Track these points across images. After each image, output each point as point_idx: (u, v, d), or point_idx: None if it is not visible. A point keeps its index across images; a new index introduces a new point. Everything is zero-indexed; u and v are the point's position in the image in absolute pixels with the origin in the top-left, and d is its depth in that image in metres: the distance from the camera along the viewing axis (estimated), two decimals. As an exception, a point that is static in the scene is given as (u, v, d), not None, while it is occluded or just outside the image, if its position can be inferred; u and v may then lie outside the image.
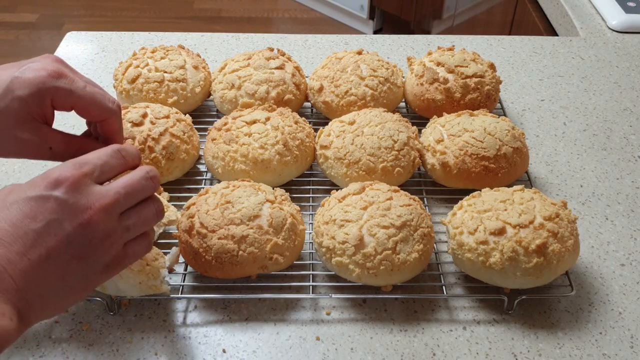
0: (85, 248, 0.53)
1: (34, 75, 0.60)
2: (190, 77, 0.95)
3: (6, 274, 0.48)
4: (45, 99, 0.61)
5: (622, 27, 1.28)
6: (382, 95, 0.93)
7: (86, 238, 0.52)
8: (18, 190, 0.53)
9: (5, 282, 0.48)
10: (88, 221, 0.52)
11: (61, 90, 0.61)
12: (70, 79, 0.62)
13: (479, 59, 0.97)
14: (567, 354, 0.67)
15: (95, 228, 0.53)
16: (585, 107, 1.06)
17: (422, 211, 0.73)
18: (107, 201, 0.54)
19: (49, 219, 0.51)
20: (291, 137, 0.83)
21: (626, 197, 0.88)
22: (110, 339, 0.68)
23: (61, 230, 0.51)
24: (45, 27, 3.28)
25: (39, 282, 0.50)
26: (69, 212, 0.52)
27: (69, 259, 0.52)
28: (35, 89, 0.60)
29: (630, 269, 0.77)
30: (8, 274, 0.49)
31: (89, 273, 0.54)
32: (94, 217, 0.52)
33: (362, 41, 1.25)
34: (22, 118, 0.60)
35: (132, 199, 0.56)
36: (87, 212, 0.52)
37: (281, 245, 0.70)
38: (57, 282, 0.52)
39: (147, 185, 0.58)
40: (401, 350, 0.67)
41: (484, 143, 0.82)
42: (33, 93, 0.60)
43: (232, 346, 0.67)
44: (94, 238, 0.53)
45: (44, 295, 0.51)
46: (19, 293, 0.49)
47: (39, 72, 0.60)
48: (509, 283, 0.69)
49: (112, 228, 0.54)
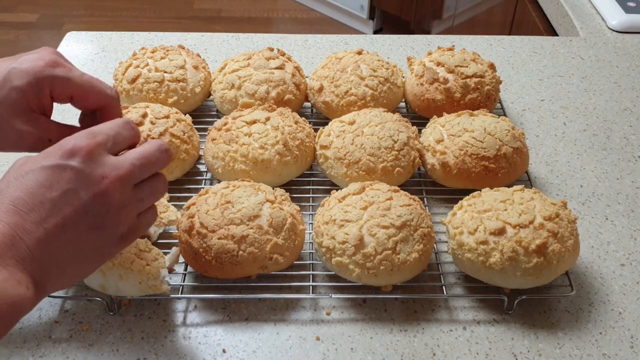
0: (102, 218, 0.53)
1: (31, 65, 0.60)
2: (190, 77, 0.95)
3: (22, 243, 0.49)
4: (43, 89, 0.60)
5: (622, 27, 1.28)
6: (382, 95, 0.93)
7: (102, 208, 0.52)
8: (32, 160, 0.52)
9: (22, 251, 0.48)
10: (105, 191, 0.52)
11: (59, 79, 0.60)
12: (68, 67, 0.61)
13: (479, 59, 0.97)
14: (567, 354, 0.67)
15: (111, 198, 0.53)
16: (585, 107, 1.06)
17: (422, 211, 0.73)
18: (123, 172, 0.54)
19: (65, 188, 0.51)
20: (291, 137, 0.83)
21: (626, 197, 0.88)
22: (110, 339, 0.68)
23: (77, 200, 0.51)
24: (45, 27, 3.29)
25: (55, 251, 0.51)
26: (85, 182, 0.52)
27: (85, 228, 0.52)
28: (32, 78, 0.59)
29: (630, 269, 0.77)
30: (24, 243, 0.49)
31: (105, 243, 0.54)
32: (110, 187, 0.53)
33: (362, 41, 1.25)
34: (21, 109, 0.60)
35: (147, 170, 0.57)
36: (104, 182, 0.52)
37: (281, 245, 0.70)
38: (73, 252, 0.52)
39: (161, 157, 0.58)
40: (401, 350, 0.67)
41: (484, 143, 0.82)
42: (31, 82, 0.59)
43: (232, 346, 0.67)
44: (110, 208, 0.53)
45: (60, 265, 0.51)
46: (35, 262, 0.49)
47: (36, 62, 0.60)
48: (509, 283, 0.69)
49: (127, 199, 0.55)
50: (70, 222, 0.51)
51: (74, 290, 0.72)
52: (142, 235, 0.74)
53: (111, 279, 0.66)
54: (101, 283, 0.67)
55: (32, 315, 0.70)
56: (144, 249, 0.69)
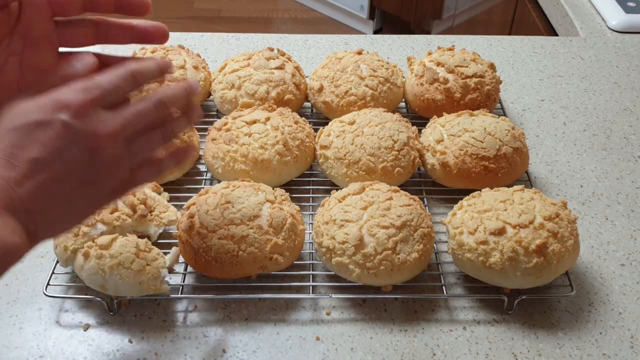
0: (93, 174, 0.53)
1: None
2: (190, 77, 0.95)
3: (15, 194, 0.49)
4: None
5: (622, 27, 1.28)
6: (382, 95, 0.93)
7: (93, 164, 0.52)
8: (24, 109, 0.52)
9: (15, 202, 0.49)
10: (95, 147, 0.52)
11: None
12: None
13: (479, 59, 0.97)
14: (567, 354, 0.67)
15: (102, 154, 0.52)
16: (585, 107, 1.06)
17: (422, 211, 0.73)
18: (115, 128, 0.53)
19: (55, 144, 0.50)
20: (291, 137, 0.83)
21: (626, 197, 0.88)
22: (110, 339, 0.68)
23: (69, 156, 0.51)
24: (45, 27, 3.28)
25: (46, 204, 0.51)
26: (76, 137, 0.51)
27: (77, 183, 0.52)
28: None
29: (630, 269, 0.77)
30: (17, 194, 0.49)
31: (95, 197, 0.54)
32: (101, 143, 0.52)
33: (362, 41, 1.25)
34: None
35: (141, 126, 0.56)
36: (95, 138, 0.52)
37: (281, 245, 0.70)
38: (64, 205, 0.52)
39: (158, 114, 0.57)
40: (401, 350, 0.67)
41: (484, 143, 0.82)
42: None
43: (232, 346, 0.67)
44: (101, 164, 0.53)
45: (50, 217, 0.52)
46: (27, 213, 0.50)
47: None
48: (509, 283, 0.69)
49: (118, 154, 0.54)
50: (62, 176, 0.51)
51: (74, 291, 0.72)
52: (142, 235, 0.74)
53: (111, 279, 0.66)
54: (101, 283, 0.67)
55: (32, 315, 0.70)
56: (144, 249, 0.69)
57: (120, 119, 0.54)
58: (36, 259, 0.76)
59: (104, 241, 0.68)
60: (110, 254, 0.67)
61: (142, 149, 0.57)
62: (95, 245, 0.68)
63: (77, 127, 0.51)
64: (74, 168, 0.51)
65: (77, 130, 0.51)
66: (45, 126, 0.51)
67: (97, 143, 0.52)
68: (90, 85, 0.53)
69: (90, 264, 0.67)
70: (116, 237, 0.69)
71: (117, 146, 0.54)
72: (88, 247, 0.68)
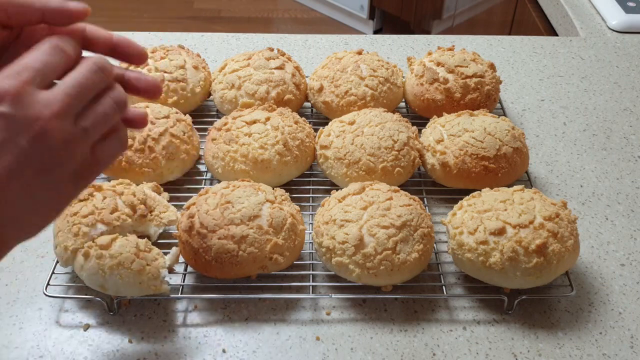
0: (46, 159, 0.49)
1: None
2: (190, 77, 0.95)
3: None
4: None
5: (622, 27, 1.28)
6: (382, 95, 0.93)
7: (44, 149, 0.49)
8: None
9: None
10: (42, 131, 0.49)
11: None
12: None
13: (479, 59, 0.97)
14: (567, 354, 0.67)
15: (51, 136, 0.49)
16: (585, 107, 1.06)
17: (422, 211, 0.73)
18: (58, 106, 0.50)
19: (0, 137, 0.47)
20: (291, 137, 0.83)
21: (626, 197, 0.88)
22: (110, 339, 0.68)
23: (15, 147, 0.48)
24: (45, 27, 3.28)
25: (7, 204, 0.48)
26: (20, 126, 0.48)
27: (33, 173, 0.49)
28: None
29: (630, 269, 0.77)
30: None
31: (57, 184, 0.51)
32: (47, 126, 0.49)
33: (362, 41, 1.25)
34: None
35: (85, 96, 0.52)
36: (39, 122, 0.48)
37: (281, 245, 0.70)
38: (27, 200, 0.49)
39: (98, 78, 0.53)
40: (401, 350, 0.67)
41: (484, 143, 0.82)
42: None
43: (232, 346, 0.67)
44: (52, 148, 0.49)
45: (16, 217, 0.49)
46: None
47: None
48: (509, 283, 0.69)
49: (69, 133, 0.50)
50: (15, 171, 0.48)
51: (74, 291, 0.72)
52: (142, 235, 0.74)
53: (111, 279, 0.66)
54: (101, 283, 0.67)
55: (32, 315, 0.70)
56: (144, 249, 0.69)
57: (61, 94, 0.50)
58: (36, 259, 0.76)
59: (104, 241, 0.68)
60: (110, 254, 0.67)
61: (95, 121, 0.53)
62: (95, 245, 0.68)
63: (17, 114, 0.48)
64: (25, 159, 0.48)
65: (18, 118, 0.48)
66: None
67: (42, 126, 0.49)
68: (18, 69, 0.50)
69: (90, 264, 0.67)
70: (116, 237, 0.69)
71: (66, 124, 0.50)
72: (88, 247, 0.68)
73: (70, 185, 0.53)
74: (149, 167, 0.82)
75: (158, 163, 0.82)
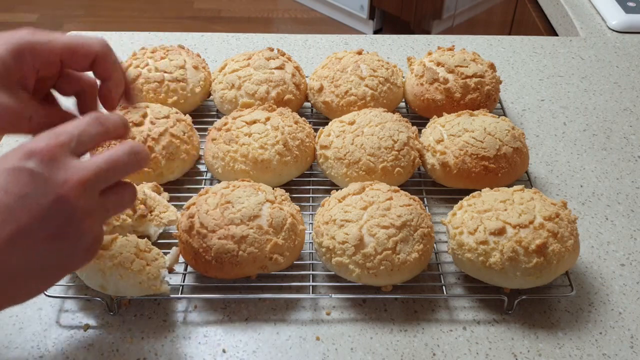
0: (63, 227, 0.48)
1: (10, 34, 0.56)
2: (190, 77, 0.95)
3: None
4: (24, 56, 0.56)
5: (622, 27, 1.28)
6: (382, 95, 0.93)
7: (62, 215, 0.48)
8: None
9: None
10: (65, 196, 0.48)
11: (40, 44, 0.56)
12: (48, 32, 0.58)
13: (479, 59, 0.97)
14: (567, 354, 0.67)
15: (73, 204, 0.48)
16: (585, 107, 1.06)
17: (422, 211, 0.73)
18: (87, 175, 0.49)
19: (21, 192, 0.46)
20: (291, 137, 0.83)
21: (626, 197, 0.88)
22: (110, 339, 0.68)
23: (35, 205, 0.47)
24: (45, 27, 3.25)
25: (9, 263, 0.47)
26: (44, 186, 0.47)
27: (44, 237, 0.48)
28: (12, 45, 0.55)
29: (630, 269, 0.77)
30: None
31: (67, 255, 0.50)
32: (71, 192, 0.48)
33: (362, 41, 1.25)
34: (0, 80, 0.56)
35: (115, 175, 0.52)
36: (64, 186, 0.48)
37: (281, 245, 0.70)
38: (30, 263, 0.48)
39: (132, 160, 0.53)
40: (401, 350, 0.67)
41: (484, 143, 0.82)
42: (9, 50, 0.55)
43: (232, 346, 0.67)
44: (72, 216, 0.48)
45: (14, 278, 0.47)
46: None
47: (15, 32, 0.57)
48: (509, 283, 0.69)
49: (92, 206, 0.50)
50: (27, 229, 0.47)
51: (74, 291, 0.72)
52: (142, 235, 0.74)
53: (111, 279, 0.66)
54: (101, 283, 0.67)
55: (32, 315, 0.70)
56: (144, 249, 0.69)
57: (93, 166, 0.50)
58: (36, 259, 0.76)
59: (104, 241, 0.68)
60: (110, 254, 0.67)
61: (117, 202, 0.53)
62: (95, 245, 0.68)
63: (45, 173, 0.48)
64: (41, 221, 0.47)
65: (44, 177, 0.47)
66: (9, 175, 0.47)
67: (67, 191, 0.48)
68: (57, 131, 0.51)
69: (90, 264, 0.67)
70: (116, 237, 0.69)
71: (90, 196, 0.50)
72: (88, 247, 0.68)
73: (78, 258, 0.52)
74: (149, 167, 0.82)
75: (158, 163, 0.82)
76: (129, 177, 0.80)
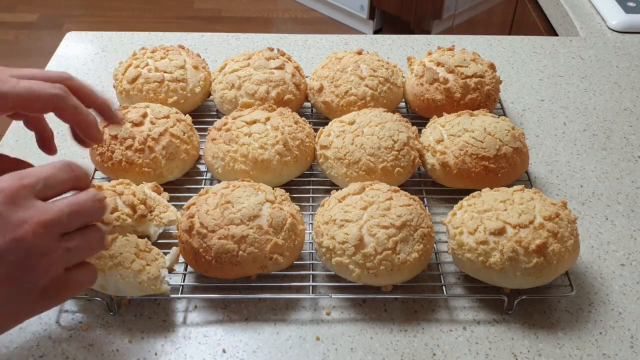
0: (19, 267, 0.47)
1: None
2: (190, 77, 0.95)
3: None
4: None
5: (622, 27, 1.28)
6: (382, 95, 0.93)
7: (20, 255, 0.47)
8: None
9: None
10: (23, 236, 0.47)
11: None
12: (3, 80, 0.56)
13: (479, 59, 0.97)
14: (567, 354, 0.67)
15: (30, 244, 0.48)
16: (585, 107, 1.06)
17: (422, 211, 0.73)
18: (47, 217, 0.49)
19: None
20: (291, 137, 0.83)
21: (626, 197, 0.88)
22: (110, 339, 0.68)
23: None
24: (45, 27, 3.28)
25: None
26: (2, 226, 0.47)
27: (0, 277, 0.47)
28: None
29: (630, 269, 0.77)
30: None
31: (23, 296, 0.49)
32: (29, 232, 0.48)
33: (362, 41, 1.25)
34: None
35: (77, 219, 0.52)
36: (23, 227, 0.47)
37: (281, 245, 0.70)
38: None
39: (95, 207, 0.53)
40: (401, 350, 0.67)
41: (484, 143, 0.82)
42: None
43: (232, 346, 0.67)
44: (28, 256, 0.48)
45: None
46: None
47: None
48: (509, 283, 0.69)
49: (50, 247, 0.49)
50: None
51: (74, 290, 0.72)
52: (142, 235, 0.74)
53: (111, 278, 0.66)
54: (101, 283, 0.67)
55: (32, 315, 0.70)
56: (144, 249, 0.69)
57: (55, 208, 0.50)
58: (36, 259, 0.76)
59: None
60: (110, 254, 0.67)
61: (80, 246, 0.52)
62: (95, 245, 0.68)
63: (4, 214, 0.47)
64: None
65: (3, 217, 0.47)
66: None
67: (26, 231, 0.47)
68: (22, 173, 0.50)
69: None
70: (116, 237, 0.69)
71: (49, 238, 0.49)
72: (88, 247, 0.68)
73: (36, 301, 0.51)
74: (149, 167, 0.82)
75: (158, 163, 0.82)
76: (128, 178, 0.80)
